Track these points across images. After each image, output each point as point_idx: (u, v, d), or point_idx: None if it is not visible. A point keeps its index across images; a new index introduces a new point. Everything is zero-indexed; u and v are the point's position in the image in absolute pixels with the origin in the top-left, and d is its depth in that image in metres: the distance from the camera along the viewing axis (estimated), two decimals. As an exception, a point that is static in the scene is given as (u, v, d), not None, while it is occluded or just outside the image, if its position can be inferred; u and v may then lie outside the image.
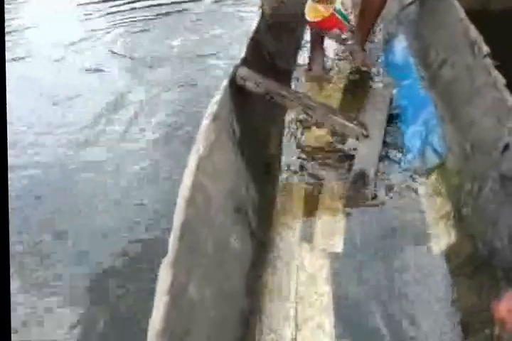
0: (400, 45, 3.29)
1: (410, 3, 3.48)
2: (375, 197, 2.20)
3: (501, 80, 2.13)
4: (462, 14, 2.71)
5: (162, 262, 1.32)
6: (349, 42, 3.28)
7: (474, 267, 1.81)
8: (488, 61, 2.28)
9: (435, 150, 2.36)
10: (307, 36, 3.28)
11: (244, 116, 2.20)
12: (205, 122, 1.87)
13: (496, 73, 2.19)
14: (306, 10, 2.78)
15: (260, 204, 2.03)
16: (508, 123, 1.94)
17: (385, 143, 2.46)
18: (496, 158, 1.93)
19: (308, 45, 3.20)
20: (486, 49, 2.34)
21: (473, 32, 2.50)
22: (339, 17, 2.77)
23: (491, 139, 2.01)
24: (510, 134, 1.91)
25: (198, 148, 1.74)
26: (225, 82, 2.16)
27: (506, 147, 1.89)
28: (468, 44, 2.50)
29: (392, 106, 2.71)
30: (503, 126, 1.96)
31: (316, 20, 2.79)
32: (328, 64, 3.21)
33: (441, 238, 1.99)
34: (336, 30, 2.83)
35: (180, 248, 1.38)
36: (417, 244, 1.99)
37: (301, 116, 2.53)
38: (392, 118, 2.63)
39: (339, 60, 3.28)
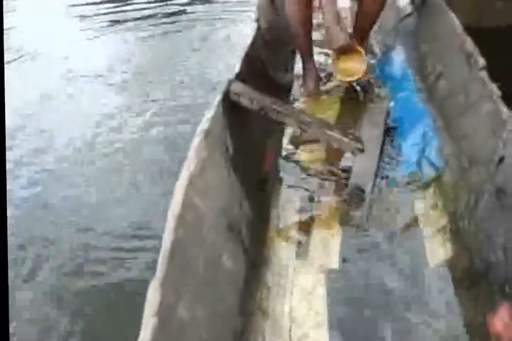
0: (398, 57, 3.31)
1: (408, 15, 3.51)
2: (371, 211, 2.21)
3: (497, 92, 2.14)
4: (459, 27, 2.73)
5: (150, 283, 1.33)
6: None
7: (471, 281, 1.81)
8: (484, 74, 2.30)
9: (432, 164, 2.37)
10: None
11: (238, 132, 2.21)
12: (197, 139, 1.88)
13: (491, 85, 2.20)
14: (335, 70, 2.90)
15: (254, 222, 2.04)
16: (503, 135, 1.96)
17: (381, 157, 2.47)
18: (491, 171, 1.94)
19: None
20: (482, 62, 2.36)
21: (470, 45, 2.51)
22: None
23: (487, 152, 2.02)
24: (505, 147, 1.92)
25: (189, 165, 1.75)
26: (218, 98, 2.16)
27: (501, 160, 1.90)
28: (464, 57, 2.52)
29: (389, 119, 2.72)
30: (498, 139, 1.97)
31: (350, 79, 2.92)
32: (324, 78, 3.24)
33: (438, 252, 1.99)
34: None
35: (170, 268, 1.39)
36: (414, 259, 1.99)
37: (297, 131, 2.54)
38: (389, 132, 2.64)
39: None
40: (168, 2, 5.70)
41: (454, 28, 2.76)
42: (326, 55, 3.51)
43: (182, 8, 5.57)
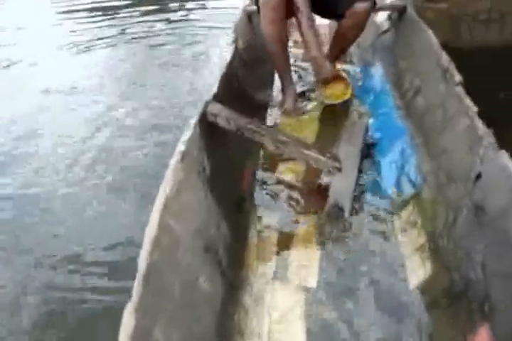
0: (376, 73, 3.36)
1: (385, 31, 3.56)
2: (350, 229, 2.22)
3: (473, 108, 2.17)
4: (435, 43, 2.77)
5: (125, 307, 1.33)
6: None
7: (450, 299, 1.82)
8: (461, 89, 2.33)
9: (411, 181, 2.38)
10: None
11: (216, 153, 2.22)
12: (174, 161, 1.89)
13: (468, 101, 2.23)
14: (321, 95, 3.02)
15: (232, 242, 2.04)
16: (480, 151, 1.98)
17: (360, 175, 2.49)
18: (469, 188, 1.96)
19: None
20: (458, 77, 2.39)
21: (446, 60, 2.55)
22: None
23: (465, 168, 2.04)
24: (482, 163, 1.94)
25: (165, 187, 1.75)
26: (194, 119, 2.17)
27: (479, 176, 1.92)
28: (440, 72, 2.56)
29: (367, 136, 2.74)
30: (475, 155, 2.00)
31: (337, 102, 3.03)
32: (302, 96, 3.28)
33: (417, 270, 2.00)
34: None
35: (145, 292, 1.39)
36: (393, 277, 1.99)
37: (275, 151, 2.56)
38: (367, 149, 2.66)
39: (313, 90, 3.32)
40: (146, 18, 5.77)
41: (430, 44, 2.80)
42: (304, 69, 3.57)
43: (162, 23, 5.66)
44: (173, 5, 6.34)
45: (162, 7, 6.25)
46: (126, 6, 6.27)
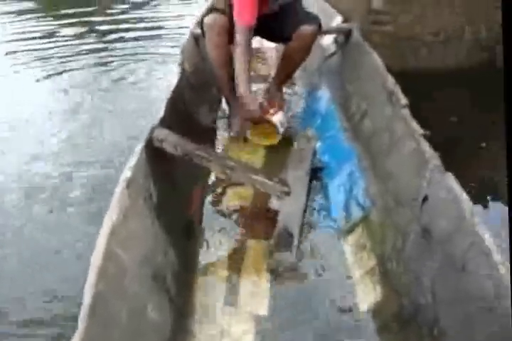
0: (324, 97, 3.40)
1: (332, 55, 3.62)
2: (300, 254, 2.23)
3: (419, 131, 2.22)
4: (381, 66, 2.83)
5: (72, 339, 1.31)
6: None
7: (401, 324, 1.83)
8: (407, 112, 2.39)
9: (359, 204, 2.41)
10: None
11: (163, 179, 2.21)
12: (119, 188, 1.88)
13: (413, 124, 2.28)
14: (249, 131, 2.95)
15: (180, 269, 2.03)
16: (426, 174, 2.02)
17: (308, 199, 2.51)
18: (416, 211, 1.99)
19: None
20: (403, 100, 2.45)
21: (391, 83, 2.61)
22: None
23: (412, 191, 2.08)
24: (428, 186, 1.98)
25: (111, 215, 1.74)
26: (140, 145, 2.16)
27: (425, 199, 1.96)
28: (386, 95, 2.61)
29: (315, 159, 2.77)
30: (422, 178, 2.04)
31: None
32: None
33: (368, 294, 2.02)
34: None
35: (92, 322, 1.37)
36: (344, 302, 2.01)
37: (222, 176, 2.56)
38: (316, 173, 2.69)
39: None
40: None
41: (376, 67, 2.86)
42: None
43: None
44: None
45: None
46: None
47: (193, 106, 3.06)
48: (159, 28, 6.32)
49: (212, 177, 2.73)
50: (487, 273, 1.51)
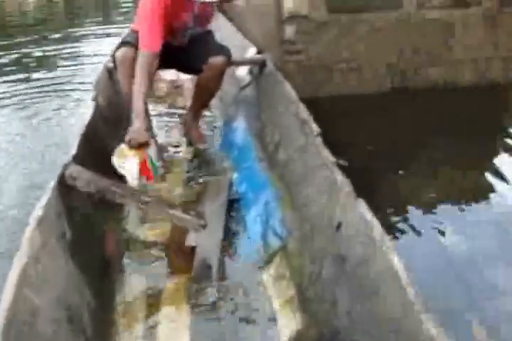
0: (239, 127, 3.45)
1: (247, 85, 3.68)
2: (219, 287, 2.22)
3: (331, 159, 2.28)
4: (294, 96, 2.90)
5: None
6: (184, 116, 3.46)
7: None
8: (319, 140, 2.44)
9: (276, 234, 2.43)
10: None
11: (77, 216, 2.19)
12: (30, 227, 1.84)
13: (326, 152, 2.34)
14: (116, 153, 2.75)
15: (97, 309, 1.99)
16: (339, 201, 2.07)
17: (226, 231, 2.51)
18: (331, 238, 2.04)
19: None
20: (316, 129, 2.51)
21: (304, 112, 2.68)
22: (149, 165, 2.78)
23: (326, 218, 2.13)
24: (342, 213, 2.03)
25: (21, 255, 1.71)
26: (52, 183, 2.14)
27: (339, 226, 2.01)
28: (299, 124, 2.67)
29: (232, 191, 2.79)
30: (335, 205, 2.09)
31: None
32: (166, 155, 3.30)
33: (288, 323, 2.03)
34: None
35: None
36: (265, 332, 2.01)
37: (139, 211, 2.55)
38: (233, 204, 2.71)
39: (177, 146, 3.37)
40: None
41: (289, 97, 2.93)
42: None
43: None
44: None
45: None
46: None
47: (108, 139, 3.04)
48: (75, 64, 6.30)
49: (129, 214, 2.70)
50: (397, 296, 1.56)
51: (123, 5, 11.31)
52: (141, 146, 2.69)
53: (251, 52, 3.95)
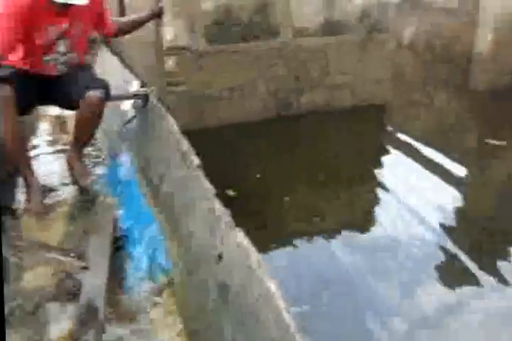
0: (124, 162, 3.46)
1: (131, 120, 3.71)
2: (109, 328, 2.21)
3: (212, 190, 2.34)
4: (175, 128, 2.95)
5: None
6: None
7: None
8: (200, 173, 2.50)
9: (162, 268, 2.46)
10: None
11: None
12: None
13: (206, 184, 2.40)
14: None
15: None
16: (219, 231, 2.13)
17: (112, 269, 2.50)
18: (214, 268, 2.09)
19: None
20: (196, 161, 2.57)
21: (185, 145, 2.73)
22: None
23: (208, 249, 2.18)
24: (222, 243, 2.09)
25: None
26: None
27: (220, 256, 2.06)
28: (180, 157, 2.72)
29: (117, 227, 2.80)
30: (216, 235, 2.15)
31: None
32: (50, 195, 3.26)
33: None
34: None
35: None
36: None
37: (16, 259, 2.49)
38: (118, 241, 2.71)
39: (63, 184, 3.35)
40: None
41: (170, 130, 2.98)
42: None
43: None
44: None
45: None
46: None
47: None
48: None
49: (7, 262, 2.55)
50: (275, 319, 1.62)
51: None
52: None
53: (135, 85, 4.00)
